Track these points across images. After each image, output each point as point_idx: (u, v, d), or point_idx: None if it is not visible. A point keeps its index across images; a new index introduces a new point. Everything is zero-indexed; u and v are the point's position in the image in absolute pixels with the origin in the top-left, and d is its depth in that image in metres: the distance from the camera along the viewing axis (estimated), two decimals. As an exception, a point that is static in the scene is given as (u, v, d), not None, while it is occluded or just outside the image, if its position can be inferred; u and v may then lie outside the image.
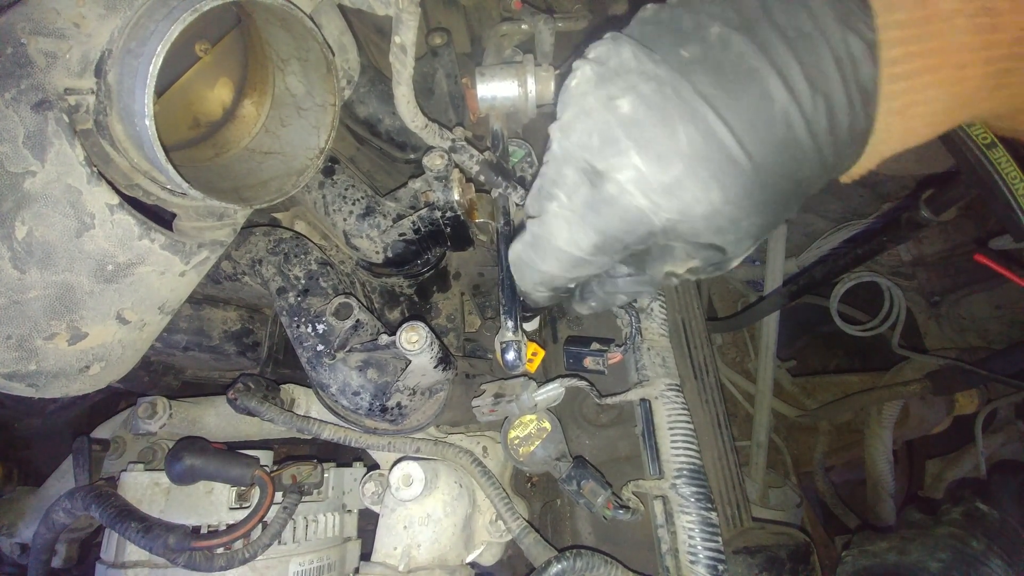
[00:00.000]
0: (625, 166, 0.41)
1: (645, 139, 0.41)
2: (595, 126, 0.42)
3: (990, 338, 1.63)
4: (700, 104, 0.39)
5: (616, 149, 0.41)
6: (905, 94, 0.39)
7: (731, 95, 0.39)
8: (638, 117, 0.41)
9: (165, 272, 0.74)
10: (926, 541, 0.93)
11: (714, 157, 0.40)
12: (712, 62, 0.40)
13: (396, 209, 1.02)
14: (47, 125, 0.61)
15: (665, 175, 0.41)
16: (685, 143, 0.40)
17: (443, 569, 0.86)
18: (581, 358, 0.89)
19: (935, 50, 0.38)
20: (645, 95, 0.41)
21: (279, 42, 0.87)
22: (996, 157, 0.61)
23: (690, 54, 0.40)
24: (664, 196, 0.41)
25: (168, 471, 0.80)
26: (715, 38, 0.40)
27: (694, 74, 0.40)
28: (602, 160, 0.42)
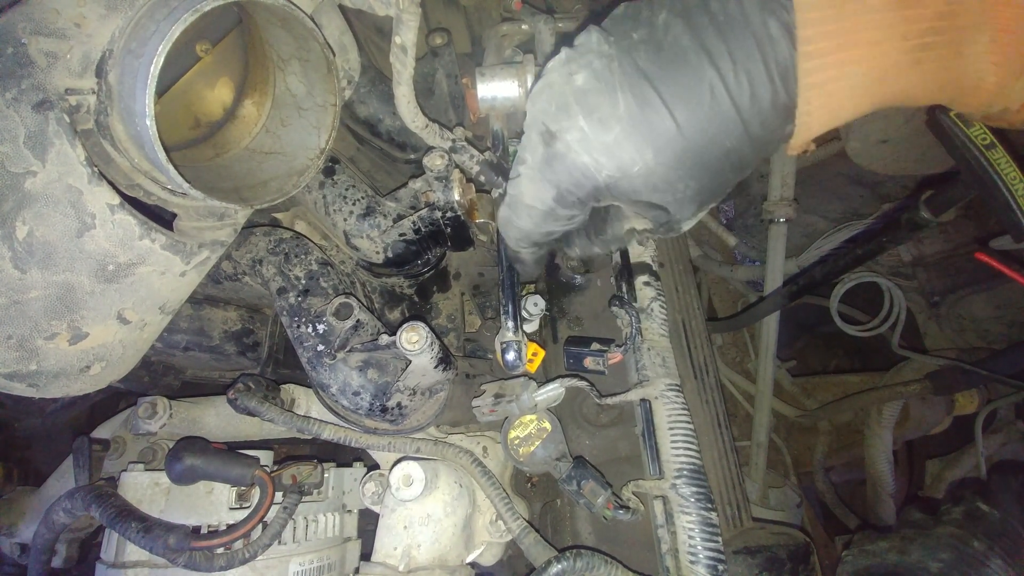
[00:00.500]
0: (572, 128, 0.48)
1: (591, 105, 0.47)
2: (554, 95, 0.49)
3: (990, 338, 1.63)
4: (638, 77, 0.46)
5: (567, 114, 0.48)
6: (820, 71, 0.43)
7: (666, 71, 0.45)
8: (587, 87, 0.48)
9: (166, 272, 0.74)
10: (927, 541, 0.93)
11: (647, 123, 0.46)
12: (654, 43, 0.46)
13: (396, 209, 1.02)
14: (48, 125, 0.61)
15: (605, 136, 0.47)
16: (623, 109, 0.46)
17: (443, 569, 0.86)
18: (581, 358, 0.89)
19: (849, 28, 0.42)
20: (596, 69, 0.47)
21: (280, 42, 0.87)
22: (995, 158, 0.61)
23: (638, 36, 0.47)
24: (604, 155, 0.48)
25: (168, 471, 0.80)
26: (660, 23, 0.46)
27: (638, 52, 0.46)
28: (555, 123, 0.49)
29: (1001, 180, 0.62)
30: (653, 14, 0.47)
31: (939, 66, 0.43)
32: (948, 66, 0.43)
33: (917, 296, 1.74)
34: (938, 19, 0.41)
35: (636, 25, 0.48)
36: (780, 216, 1.46)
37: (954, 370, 1.42)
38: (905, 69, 0.43)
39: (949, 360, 1.48)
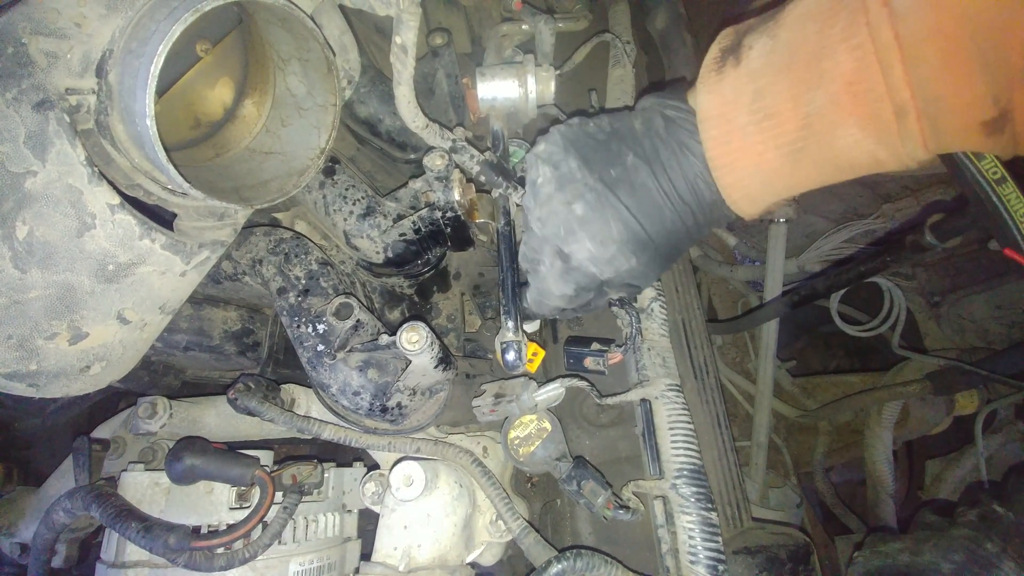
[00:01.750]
0: (582, 250, 0.66)
1: (592, 232, 0.65)
2: (561, 221, 0.67)
3: (990, 338, 1.63)
4: (623, 209, 0.64)
5: (575, 238, 0.66)
6: (728, 175, 0.61)
7: (638, 201, 0.64)
8: (586, 217, 0.65)
9: (166, 272, 0.74)
10: (940, 542, 0.93)
11: (633, 240, 0.65)
12: (628, 180, 0.65)
13: (396, 209, 1.02)
14: (48, 125, 0.61)
15: (605, 253, 0.65)
16: (615, 233, 0.65)
17: (443, 569, 0.86)
18: (581, 358, 0.89)
19: (736, 148, 0.60)
20: (590, 202, 0.65)
21: (280, 42, 0.87)
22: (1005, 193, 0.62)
23: (615, 174, 0.65)
24: (605, 265, 0.67)
25: (168, 471, 0.80)
26: (629, 164, 0.65)
27: (618, 188, 0.65)
28: (567, 246, 0.67)
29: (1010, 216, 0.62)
30: (622, 154, 0.66)
31: (818, 159, 0.56)
32: (828, 157, 0.55)
33: (917, 296, 1.74)
34: (799, 131, 0.55)
35: (610, 163, 0.66)
36: (780, 216, 1.46)
37: (954, 370, 1.42)
38: (789, 168, 0.58)
39: (949, 360, 1.48)
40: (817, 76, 0.52)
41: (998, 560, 0.87)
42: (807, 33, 0.53)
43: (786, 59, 0.55)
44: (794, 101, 0.54)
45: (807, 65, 0.53)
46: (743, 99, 0.58)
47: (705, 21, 1.53)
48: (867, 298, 1.63)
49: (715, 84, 0.61)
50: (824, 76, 0.52)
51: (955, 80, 0.47)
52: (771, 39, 0.57)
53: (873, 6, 0.48)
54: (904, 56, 0.47)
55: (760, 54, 0.57)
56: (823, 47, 0.52)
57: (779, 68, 0.55)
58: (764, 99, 0.56)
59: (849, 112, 0.52)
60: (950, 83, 0.47)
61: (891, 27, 0.47)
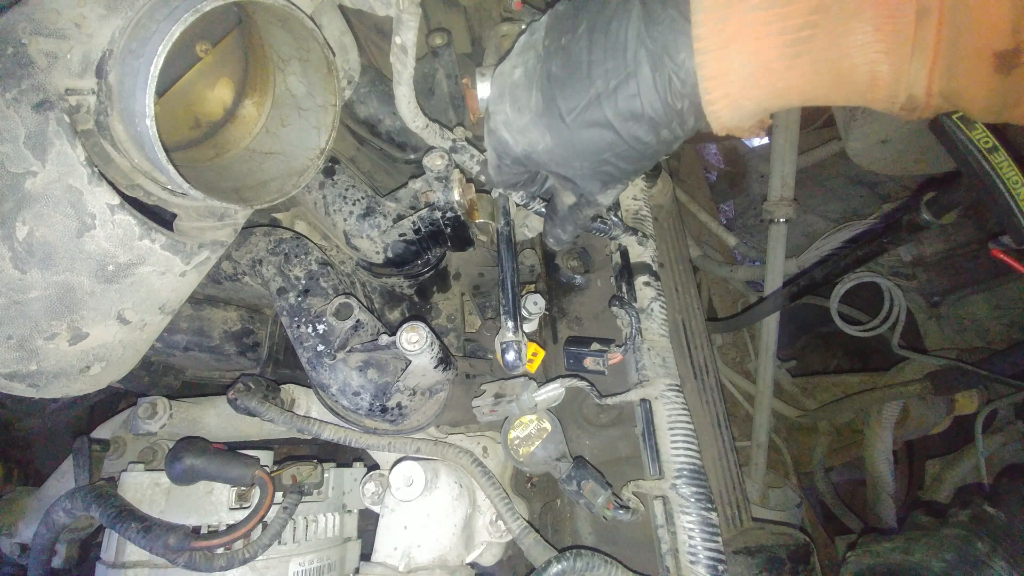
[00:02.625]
0: (501, 111, 0.64)
1: (515, 96, 0.62)
2: (499, 83, 0.65)
3: (990, 338, 1.63)
4: (548, 80, 0.59)
5: (501, 100, 0.64)
6: (713, 63, 0.50)
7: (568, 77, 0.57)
8: (518, 82, 0.62)
9: (166, 272, 0.74)
10: (931, 541, 0.93)
11: (547, 115, 0.60)
12: (566, 51, 0.58)
13: (396, 209, 1.02)
14: (48, 125, 0.62)
15: (520, 121, 0.62)
16: (534, 103, 0.61)
17: (443, 569, 0.86)
18: (581, 358, 0.89)
19: (733, 26, 0.48)
20: (529, 67, 0.61)
21: (280, 42, 0.87)
22: (998, 161, 0.62)
23: (564, 41, 0.58)
24: (518, 134, 0.63)
25: (168, 471, 0.80)
26: (580, 32, 0.57)
27: (555, 58, 0.59)
28: (493, 105, 0.65)
29: (1003, 183, 0.62)
30: (577, 24, 0.57)
31: (819, 58, 0.48)
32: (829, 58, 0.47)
33: (917, 296, 1.74)
34: (812, 13, 0.46)
35: (565, 30, 0.59)
36: (780, 216, 1.47)
37: (954, 370, 1.42)
38: (787, 62, 0.48)
39: (949, 360, 1.48)
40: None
41: (989, 559, 0.87)
42: None
43: None
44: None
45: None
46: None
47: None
48: (867, 298, 1.63)
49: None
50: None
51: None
52: None
53: None
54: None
55: None
56: None
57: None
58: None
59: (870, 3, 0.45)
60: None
61: None
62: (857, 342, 1.70)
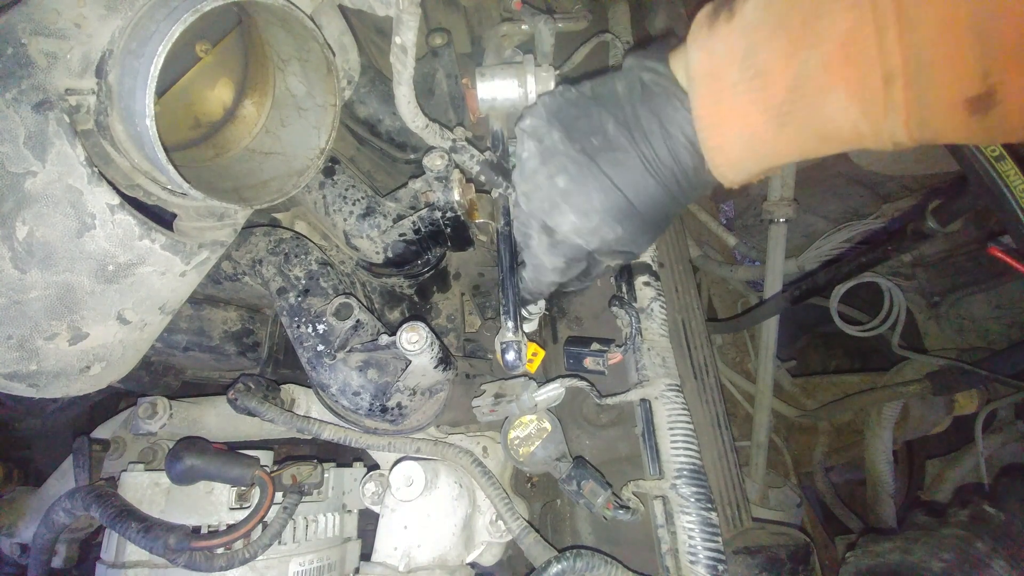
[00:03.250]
0: (566, 222, 0.67)
1: (575, 203, 0.65)
2: (545, 196, 0.67)
3: (990, 338, 1.63)
4: (604, 179, 0.64)
5: (559, 211, 0.66)
6: (713, 137, 0.59)
7: (620, 170, 0.64)
8: (569, 190, 0.65)
9: (166, 272, 0.74)
10: (930, 541, 0.93)
11: (615, 208, 0.65)
12: (609, 149, 0.64)
13: (396, 209, 1.02)
14: (48, 125, 0.62)
15: (589, 224, 0.66)
16: (597, 203, 0.65)
17: (443, 569, 0.86)
18: (581, 358, 0.89)
19: (725, 109, 0.57)
20: (573, 174, 0.65)
21: (280, 42, 0.87)
22: (1004, 170, 0.62)
23: (597, 142, 0.64)
24: (590, 236, 0.67)
25: (168, 471, 0.80)
26: (611, 132, 0.64)
27: (599, 157, 0.64)
28: (551, 219, 0.68)
29: (1010, 192, 0.62)
30: (603, 122, 0.65)
31: (803, 126, 0.55)
32: (812, 124, 0.54)
33: (917, 296, 1.74)
34: (789, 91, 0.53)
35: (592, 130, 0.65)
36: (780, 216, 1.46)
37: (954, 370, 1.42)
38: (774, 131, 0.56)
39: (949, 360, 1.48)
40: (812, 34, 0.51)
41: (988, 559, 0.87)
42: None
43: (782, 14, 0.53)
44: (786, 60, 0.53)
45: (803, 23, 0.52)
46: (735, 55, 0.56)
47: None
48: (867, 298, 1.63)
49: (706, 40, 0.59)
50: (819, 35, 0.51)
51: (947, 48, 0.46)
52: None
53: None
54: (900, 17, 0.46)
55: (755, 7, 0.55)
56: (821, 4, 0.51)
57: (774, 24, 0.54)
58: (756, 55, 0.55)
59: (839, 75, 0.51)
60: (942, 51, 0.46)
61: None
62: (857, 342, 1.70)
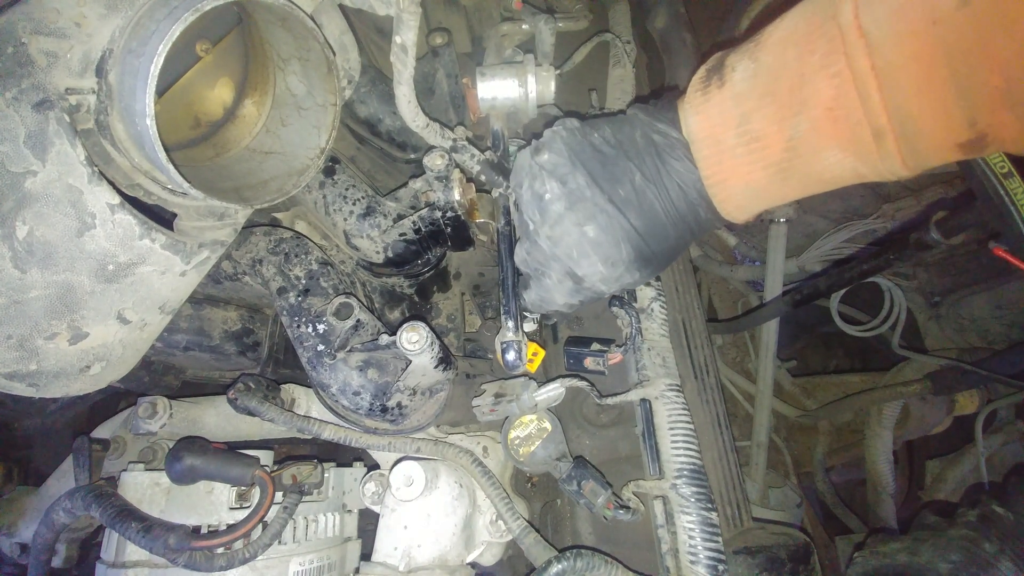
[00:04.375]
0: (595, 272, 0.69)
1: (603, 254, 0.68)
2: (573, 243, 0.69)
3: (990, 338, 1.63)
4: (632, 232, 0.67)
5: (588, 261, 0.69)
6: (719, 190, 0.64)
7: (645, 222, 0.67)
8: (600, 240, 0.67)
9: (166, 272, 0.74)
10: (938, 542, 0.92)
11: (639, 259, 0.69)
12: (636, 201, 0.67)
13: (396, 209, 1.02)
14: (48, 125, 0.61)
15: (615, 273, 0.69)
16: (625, 255, 0.68)
17: (443, 569, 0.86)
18: (581, 358, 0.89)
19: (727, 168, 0.62)
20: (603, 225, 0.67)
21: (280, 42, 0.87)
22: (1012, 187, 0.63)
23: (624, 193, 0.67)
24: (615, 283, 0.71)
25: (168, 471, 0.80)
26: (638, 183, 0.67)
27: (628, 209, 0.66)
28: (579, 268, 0.70)
29: (1017, 211, 0.63)
30: (630, 173, 0.67)
31: (803, 177, 0.59)
32: (813, 175, 0.58)
33: (917, 296, 1.74)
34: (785, 151, 0.57)
35: (618, 181, 0.67)
36: (780, 216, 1.46)
37: (954, 370, 1.42)
38: (777, 184, 0.61)
39: (949, 360, 1.48)
40: (799, 102, 0.55)
41: (996, 560, 0.87)
42: (787, 59, 0.56)
43: (768, 84, 0.57)
44: (778, 125, 0.57)
45: (789, 91, 0.55)
46: (730, 121, 0.60)
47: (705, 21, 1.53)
48: (867, 298, 1.63)
49: (701, 105, 0.64)
50: (806, 102, 0.54)
51: (930, 105, 0.48)
52: (753, 62, 0.59)
53: (850, 35, 0.50)
54: (880, 84, 0.49)
55: (743, 77, 0.59)
56: (803, 74, 0.54)
57: (762, 93, 0.58)
58: (750, 123, 0.59)
59: (830, 136, 0.54)
60: (926, 108, 0.49)
61: (867, 56, 0.49)
62: (857, 342, 1.70)
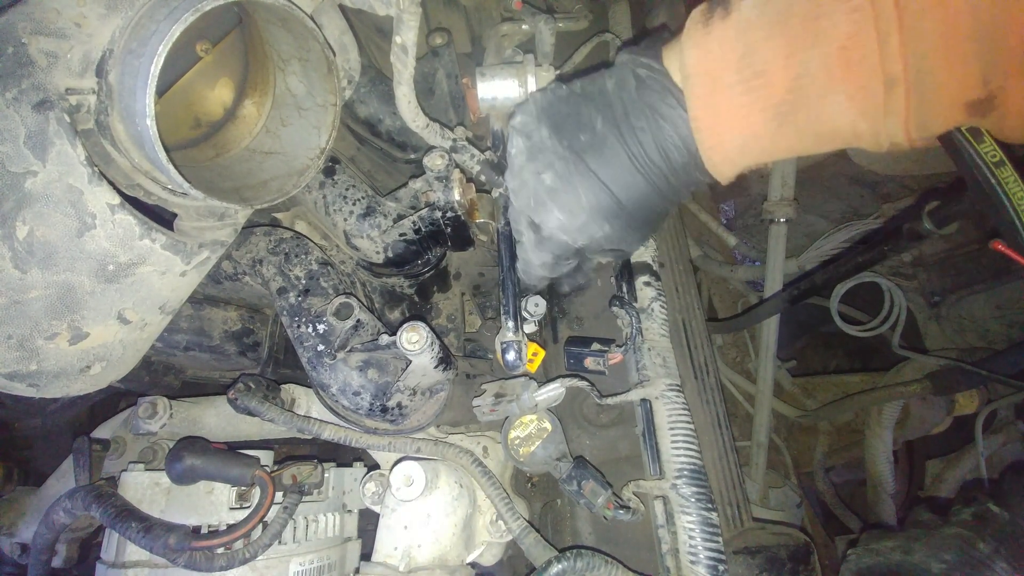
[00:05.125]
0: (552, 219, 0.66)
1: (561, 201, 0.65)
2: (531, 193, 0.67)
3: (990, 338, 1.63)
4: (591, 176, 0.63)
5: (545, 208, 0.66)
6: (709, 137, 0.59)
7: (608, 167, 0.63)
8: (555, 187, 0.65)
9: (166, 272, 0.74)
10: (932, 541, 0.92)
11: (601, 207, 0.64)
12: (597, 146, 0.63)
13: (397, 209, 1.02)
14: (48, 125, 0.61)
15: (575, 221, 0.65)
16: (584, 201, 0.64)
17: (443, 569, 0.86)
18: (582, 358, 0.89)
19: (722, 109, 0.57)
20: (559, 171, 0.64)
21: (280, 42, 0.87)
22: (1004, 176, 0.62)
23: (585, 140, 0.64)
24: (577, 233, 0.66)
25: (168, 471, 0.80)
26: (599, 129, 0.63)
27: (587, 154, 0.63)
28: (538, 216, 0.67)
29: (1008, 199, 0.62)
30: (592, 119, 0.64)
31: (800, 125, 0.55)
32: (809, 124, 0.54)
33: (917, 296, 1.74)
34: (788, 92, 0.53)
35: (580, 128, 0.64)
36: (780, 216, 1.46)
37: (954, 370, 1.42)
38: (772, 131, 0.56)
39: (949, 360, 1.47)
40: (812, 35, 0.50)
41: (991, 561, 0.86)
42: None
43: (781, 12, 0.52)
44: (786, 60, 0.52)
45: (803, 22, 0.51)
46: (731, 55, 0.55)
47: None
48: (867, 298, 1.63)
49: (701, 38, 0.57)
50: (819, 36, 0.50)
51: (949, 56, 0.46)
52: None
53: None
54: (903, 26, 0.46)
55: (753, 5, 0.54)
56: (821, 4, 0.50)
57: (772, 22, 0.52)
58: (754, 55, 0.54)
59: (840, 79, 0.50)
60: (944, 59, 0.46)
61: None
62: (857, 342, 1.70)
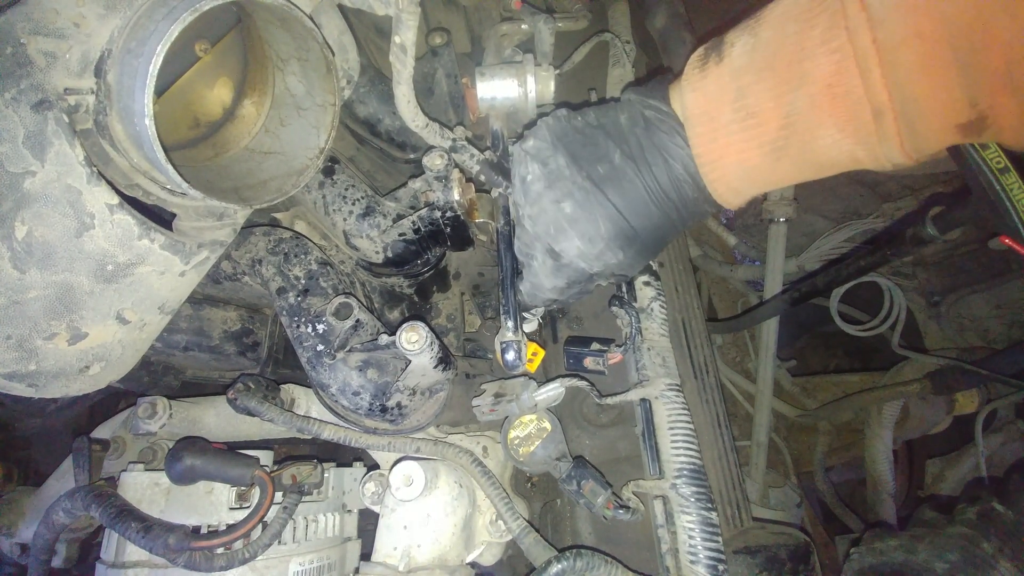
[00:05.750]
0: (572, 247, 0.69)
1: (581, 229, 0.67)
2: (550, 220, 0.69)
3: (990, 338, 1.63)
4: (610, 207, 0.66)
5: (565, 236, 0.68)
6: (712, 171, 0.63)
7: (626, 199, 0.66)
8: (576, 216, 0.67)
9: (165, 272, 0.74)
10: (935, 540, 0.91)
11: (619, 236, 0.67)
12: (616, 178, 0.67)
13: (396, 209, 1.02)
14: (47, 125, 0.61)
15: (594, 250, 0.68)
16: (603, 230, 0.67)
17: (443, 569, 0.86)
18: (581, 358, 0.89)
19: (721, 146, 0.61)
20: (579, 200, 0.67)
21: (279, 42, 0.87)
22: (1008, 183, 0.62)
23: (604, 171, 0.67)
24: (594, 261, 0.69)
25: (168, 471, 0.80)
26: (617, 162, 0.67)
27: (606, 185, 0.67)
28: (557, 244, 0.70)
29: (1012, 205, 0.62)
30: (610, 151, 0.67)
31: (798, 158, 0.58)
32: (806, 156, 0.57)
33: (917, 296, 1.74)
34: (781, 129, 0.56)
35: (598, 158, 0.68)
36: (780, 216, 1.46)
37: (954, 370, 1.42)
38: (771, 164, 0.59)
39: (949, 360, 1.48)
40: (798, 77, 0.54)
41: (994, 561, 0.86)
42: (787, 33, 0.54)
43: (767, 58, 0.56)
44: (775, 101, 0.56)
45: (788, 66, 0.54)
46: (726, 96, 0.59)
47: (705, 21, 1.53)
48: (867, 298, 1.63)
49: (699, 82, 0.62)
50: (805, 77, 0.53)
51: (932, 83, 0.48)
52: (752, 37, 0.58)
53: (852, 9, 0.49)
54: (882, 60, 0.48)
55: (742, 51, 0.58)
56: (803, 48, 0.53)
57: (760, 67, 0.57)
58: (746, 98, 0.58)
59: (828, 113, 0.53)
60: (927, 86, 0.48)
61: (869, 31, 0.48)
62: (857, 342, 1.70)
